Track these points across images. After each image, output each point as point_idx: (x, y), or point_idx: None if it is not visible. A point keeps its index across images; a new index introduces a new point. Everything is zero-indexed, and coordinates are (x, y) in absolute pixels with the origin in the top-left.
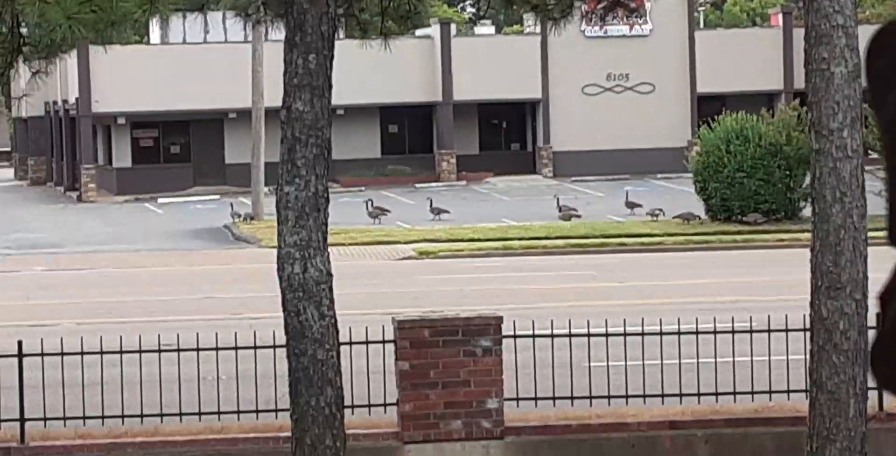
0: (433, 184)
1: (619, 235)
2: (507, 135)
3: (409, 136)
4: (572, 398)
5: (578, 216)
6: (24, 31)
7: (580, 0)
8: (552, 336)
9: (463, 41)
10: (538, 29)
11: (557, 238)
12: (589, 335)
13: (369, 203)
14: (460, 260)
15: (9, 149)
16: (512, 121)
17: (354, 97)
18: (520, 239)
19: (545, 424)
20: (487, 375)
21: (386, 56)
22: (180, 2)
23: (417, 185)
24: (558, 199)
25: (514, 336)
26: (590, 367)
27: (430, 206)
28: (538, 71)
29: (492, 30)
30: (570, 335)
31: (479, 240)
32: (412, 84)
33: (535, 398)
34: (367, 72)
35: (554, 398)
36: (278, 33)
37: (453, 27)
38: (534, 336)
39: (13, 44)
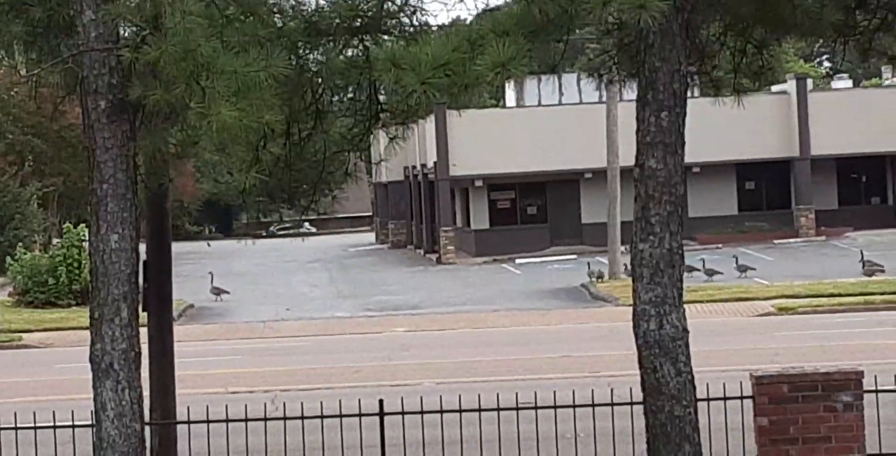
0: (791, 240)
1: None
2: (867, 189)
3: (767, 193)
4: None
5: (882, 271)
6: (381, 97)
7: None
8: None
9: (820, 96)
10: None
11: None
12: None
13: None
14: (820, 316)
15: (370, 213)
16: (871, 175)
17: (710, 154)
18: (882, 294)
19: None
20: (849, 430)
21: (741, 112)
22: (533, 64)
23: (776, 242)
24: (862, 254)
25: (877, 391)
26: None
27: (736, 263)
28: None
29: (849, 84)
30: None
31: (839, 295)
32: (768, 140)
33: None
34: (722, 129)
35: None
36: (631, 93)
37: (809, 82)
38: None
39: (371, 110)
